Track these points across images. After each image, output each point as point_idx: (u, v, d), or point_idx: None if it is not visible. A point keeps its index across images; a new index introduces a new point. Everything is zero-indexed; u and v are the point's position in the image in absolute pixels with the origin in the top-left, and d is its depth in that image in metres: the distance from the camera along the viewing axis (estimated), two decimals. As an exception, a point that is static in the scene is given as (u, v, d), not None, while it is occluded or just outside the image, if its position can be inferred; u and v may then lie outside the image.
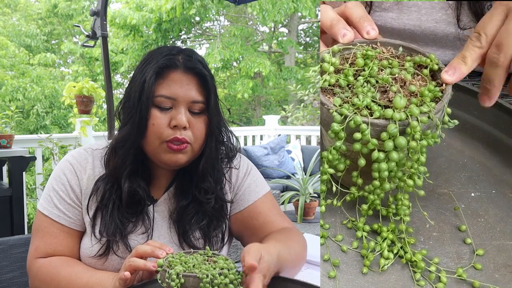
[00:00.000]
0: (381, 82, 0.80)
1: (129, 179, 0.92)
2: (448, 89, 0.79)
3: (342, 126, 0.76)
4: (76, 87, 3.53)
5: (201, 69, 0.92)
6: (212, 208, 0.97)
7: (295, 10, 9.03)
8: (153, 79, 0.89)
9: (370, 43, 0.85)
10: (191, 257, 0.77)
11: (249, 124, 12.87)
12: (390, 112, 0.74)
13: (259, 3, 8.65)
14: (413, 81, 0.80)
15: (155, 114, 0.89)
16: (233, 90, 10.49)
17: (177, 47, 0.95)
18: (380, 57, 0.83)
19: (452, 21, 1.01)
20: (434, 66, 0.82)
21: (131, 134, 0.90)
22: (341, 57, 0.85)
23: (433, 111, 0.76)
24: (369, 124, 0.75)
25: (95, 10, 2.56)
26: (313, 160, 3.89)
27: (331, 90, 0.81)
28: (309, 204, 3.28)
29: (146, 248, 0.78)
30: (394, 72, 0.80)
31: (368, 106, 0.76)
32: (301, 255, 0.95)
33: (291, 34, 12.29)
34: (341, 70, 0.83)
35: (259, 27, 12.43)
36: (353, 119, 0.74)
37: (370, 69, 0.81)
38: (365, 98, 0.77)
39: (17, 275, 1.16)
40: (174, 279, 0.70)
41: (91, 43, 2.73)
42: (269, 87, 11.76)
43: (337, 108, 0.76)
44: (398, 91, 0.78)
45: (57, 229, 0.94)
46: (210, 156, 0.95)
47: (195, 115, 0.92)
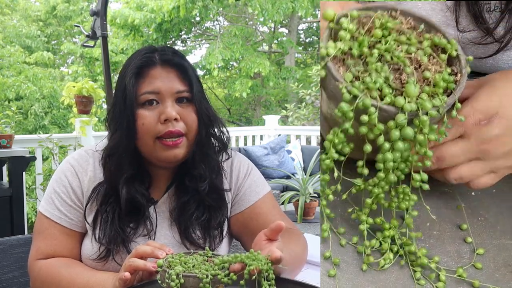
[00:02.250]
0: (395, 60, 0.76)
1: (126, 185, 0.92)
2: (462, 82, 0.76)
3: (351, 107, 0.72)
4: (76, 87, 3.53)
5: (178, 60, 0.93)
6: (211, 199, 0.97)
7: (293, 9, 9.03)
8: (133, 80, 0.89)
9: (391, 9, 0.81)
10: (191, 258, 0.77)
11: (249, 124, 12.87)
12: (401, 101, 0.71)
13: (259, 3, 8.64)
14: (429, 64, 0.77)
15: (142, 113, 0.89)
16: (232, 90, 10.49)
17: (153, 46, 0.96)
18: (398, 29, 0.79)
19: (451, 23, 1.00)
20: (453, 52, 0.78)
21: (122, 139, 0.90)
22: (358, 21, 0.79)
23: (444, 105, 0.73)
24: (377, 108, 0.71)
25: (95, 10, 2.56)
26: (313, 160, 3.89)
27: (342, 61, 0.76)
28: (309, 204, 3.28)
29: (146, 249, 0.78)
30: (410, 50, 0.77)
31: (380, 88, 0.73)
32: (301, 256, 0.95)
33: (291, 34, 12.29)
34: (355, 38, 0.77)
35: (259, 27, 12.43)
36: (362, 101, 0.71)
37: (387, 43, 0.76)
38: (377, 78, 0.73)
39: (17, 275, 1.16)
40: (174, 279, 0.70)
41: (91, 43, 2.73)
42: (269, 87, 11.76)
43: (347, 84, 0.72)
44: (411, 73, 0.75)
45: (58, 230, 0.94)
46: (201, 142, 0.95)
47: (183, 106, 0.92)
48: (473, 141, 0.78)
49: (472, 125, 0.78)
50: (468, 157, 0.79)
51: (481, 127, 0.78)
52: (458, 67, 0.78)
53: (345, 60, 0.77)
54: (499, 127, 0.77)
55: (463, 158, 0.79)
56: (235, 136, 5.42)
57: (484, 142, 0.78)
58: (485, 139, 0.78)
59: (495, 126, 0.77)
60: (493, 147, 0.78)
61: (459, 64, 0.78)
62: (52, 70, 11.42)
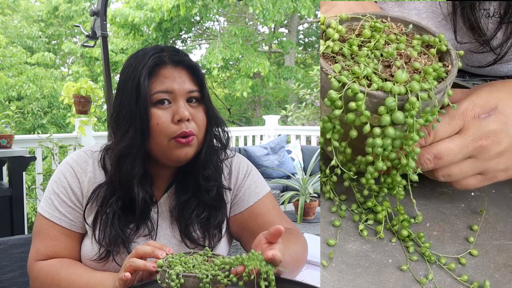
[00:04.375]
0: (385, 55, 0.77)
1: (141, 185, 0.92)
2: (454, 71, 0.77)
3: (339, 94, 0.73)
4: (74, 87, 3.53)
5: (188, 61, 0.94)
6: (212, 198, 0.97)
7: (294, 9, 9.02)
8: (147, 79, 0.89)
9: (381, 16, 0.83)
10: (191, 258, 0.77)
11: (249, 124, 12.87)
12: (389, 84, 0.71)
13: (260, 2, 8.64)
14: (419, 58, 0.78)
15: (156, 113, 0.89)
16: (233, 90, 10.49)
17: (159, 46, 0.96)
18: (388, 32, 0.81)
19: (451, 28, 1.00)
20: (442, 47, 0.80)
21: (136, 140, 0.89)
22: (348, 28, 0.82)
23: (434, 89, 0.73)
24: (366, 95, 0.71)
25: (95, 10, 2.56)
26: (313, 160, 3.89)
27: (333, 58, 0.78)
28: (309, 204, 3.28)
29: (146, 249, 0.78)
30: (400, 47, 0.78)
31: (368, 77, 0.74)
32: (301, 257, 0.95)
33: (291, 34, 12.29)
34: (346, 40, 0.80)
35: (260, 27, 12.42)
36: (350, 87, 0.71)
37: (376, 41, 0.78)
38: (366, 68, 0.74)
39: (17, 275, 1.16)
40: (174, 279, 0.70)
41: (91, 43, 2.73)
42: (269, 87, 11.75)
43: (336, 74, 0.74)
44: (401, 66, 0.75)
45: (58, 231, 0.94)
46: (209, 142, 0.96)
47: (193, 106, 0.92)
48: (470, 136, 0.78)
49: (471, 119, 0.78)
50: (465, 154, 0.79)
51: (480, 121, 0.78)
52: (449, 61, 0.79)
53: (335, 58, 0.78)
54: (497, 121, 0.78)
55: (460, 156, 0.79)
56: (235, 136, 5.42)
57: (481, 137, 0.78)
58: (482, 134, 0.78)
59: (493, 121, 0.78)
60: (489, 144, 0.79)
61: (449, 58, 0.79)
62: (54, 70, 11.41)
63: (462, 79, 1.08)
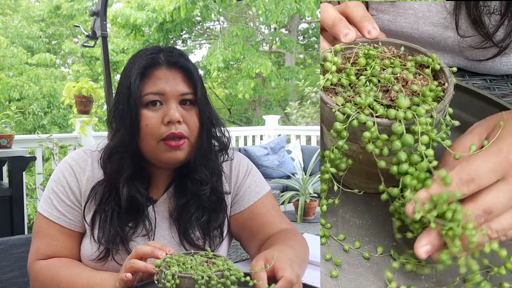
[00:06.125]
0: (383, 81, 0.79)
1: (127, 184, 0.92)
2: (450, 89, 0.79)
3: (344, 125, 0.75)
4: (76, 87, 3.53)
5: (184, 62, 0.93)
6: (210, 201, 0.97)
7: (297, 10, 9.00)
8: (139, 80, 0.89)
9: (372, 42, 0.85)
10: (190, 258, 0.76)
11: (249, 124, 12.87)
12: (393, 112, 0.73)
13: (263, 3, 8.63)
14: (415, 80, 0.80)
15: (146, 114, 0.89)
16: (235, 90, 10.48)
17: (158, 47, 0.95)
18: (382, 57, 0.83)
19: (450, 25, 1.00)
20: (436, 66, 0.81)
21: (125, 139, 0.90)
22: (343, 57, 0.85)
23: (435, 110, 0.75)
24: (374, 123, 0.73)
25: (95, 10, 2.56)
26: (313, 160, 3.89)
27: (333, 90, 0.81)
28: (309, 204, 3.28)
29: (146, 249, 0.78)
30: (396, 71, 0.80)
31: (371, 106, 0.76)
32: (305, 257, 0.95)
33: (291, 34, 12.29)
34: (342, 70, 0.82)
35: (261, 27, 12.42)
36: (356, 118, 0.74)
37: (372, 68, 0.80)
38: (367, 97, 0.76)
39: (17, 275, 1.16)
40: (169, 279, 0.70)
41: (91, 43, 2.73)
42: (270, 87, 11.75)
43: (339, 107, 0.76)
44: (400, 90, 0.78)
45: (57, 230, 0.94)
46: (202, 147, 0.95)
47: (186, 108, 0.92)
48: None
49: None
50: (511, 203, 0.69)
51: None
52: (443, 79, 0.81)
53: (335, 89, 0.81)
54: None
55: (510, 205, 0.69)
56: (235, 136, 5.42)
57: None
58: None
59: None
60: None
61: (444, 76, 0.81)
62: (54, 70, 11.42)
63: (462, 78, 1.08)
